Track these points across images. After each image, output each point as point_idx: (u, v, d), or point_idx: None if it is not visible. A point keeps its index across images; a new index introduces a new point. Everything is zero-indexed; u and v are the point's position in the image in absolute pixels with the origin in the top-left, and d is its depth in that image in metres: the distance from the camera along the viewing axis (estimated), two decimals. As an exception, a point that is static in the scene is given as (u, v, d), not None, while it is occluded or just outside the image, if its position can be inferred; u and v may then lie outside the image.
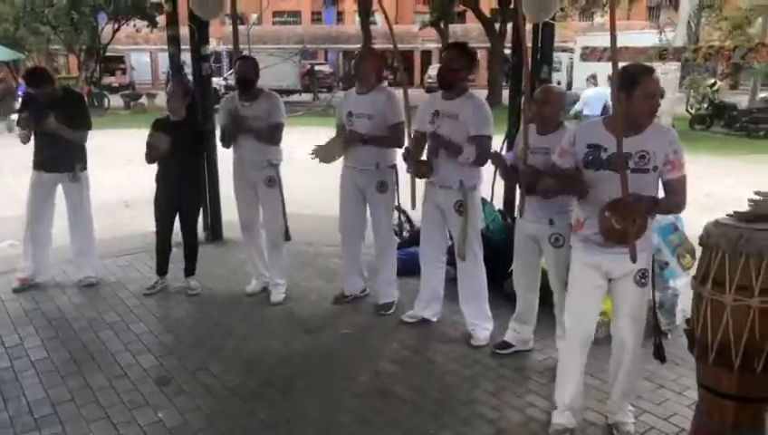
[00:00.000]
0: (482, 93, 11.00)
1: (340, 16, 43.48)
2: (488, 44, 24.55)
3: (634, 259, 2.83)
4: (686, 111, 19.07)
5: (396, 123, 4.39)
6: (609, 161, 2.88)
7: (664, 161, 2.85)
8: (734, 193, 4.29)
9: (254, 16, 40.75)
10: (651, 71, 2.84)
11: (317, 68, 33.20)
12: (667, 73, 16.14)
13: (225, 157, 5.31)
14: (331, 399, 3.57)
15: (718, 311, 2.64)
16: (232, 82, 5.88)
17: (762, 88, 20.43)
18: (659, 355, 3.22)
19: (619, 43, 5.71)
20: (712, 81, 18.84)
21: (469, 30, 34.08)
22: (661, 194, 2.95)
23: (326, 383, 3.74)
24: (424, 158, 4.24)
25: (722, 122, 17.30)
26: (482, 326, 4.26)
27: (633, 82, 2.78)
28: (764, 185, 3.01)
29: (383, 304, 4.75)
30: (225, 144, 4.88)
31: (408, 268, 5.18)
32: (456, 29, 33.74)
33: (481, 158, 3.93)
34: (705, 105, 18.19)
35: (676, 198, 2.92)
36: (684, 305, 4.24)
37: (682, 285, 4.34)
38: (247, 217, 5.07)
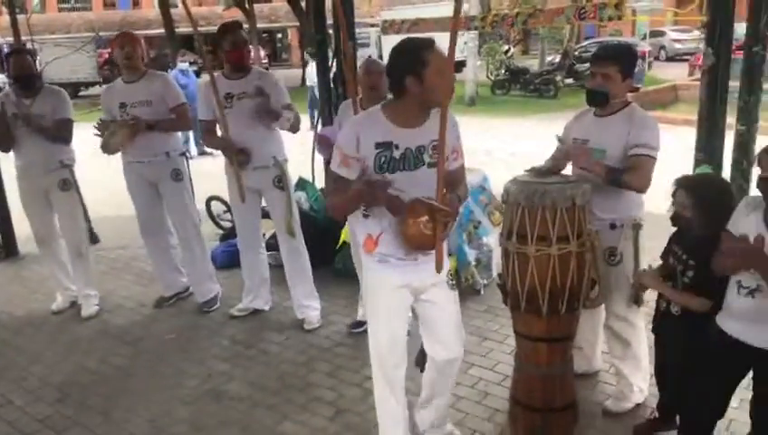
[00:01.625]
0: (298, 73, 10.89)
1: (136, 0, 40.60)
2: (297, 23, 24.40)
3: (440, 267, 2.46)
4: (487, 77, 20.46)
5: (178, 105, 4.25)
6: (403, 160, 2.40)
7: (451, 149, 2.51)
8: (537, 150, 4.62)
9: (35, 2, 36.61)
10: (432, 43, 2.37)
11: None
12: (468, 42, 17.19)
13: (9, 163, 4.68)
14: (160, 411, 3.33)
15: (524, 262, 2.81)
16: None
17: (548, 52, 22.45)
18: (421, 362, 2.99)
19: (421, 15, 5.95)
20: (506, 47, 20.36)
21: (276, 9, 33.54)
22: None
23: (153, 396, 3.48)
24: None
25: (518, 86, 18.80)
26: (312, 307, 4.23)
27: (422, 62, 2.29)
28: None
29: (206, 302, 4.53)
30: (3, 148, 4.30)
31: (236, 260, 4.98)
32: (263, 8, 33.02)
33: (295, 124, 3.95)
34: (503, 71, 19.65)
35: (464, 189, 2.70)
36: (498, 260, 4.52)
37: (494, 241, 4.63)
38: (41, 227, 4.54)
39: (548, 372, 2.94)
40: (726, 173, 3.70)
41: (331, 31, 6.27)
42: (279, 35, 36.59)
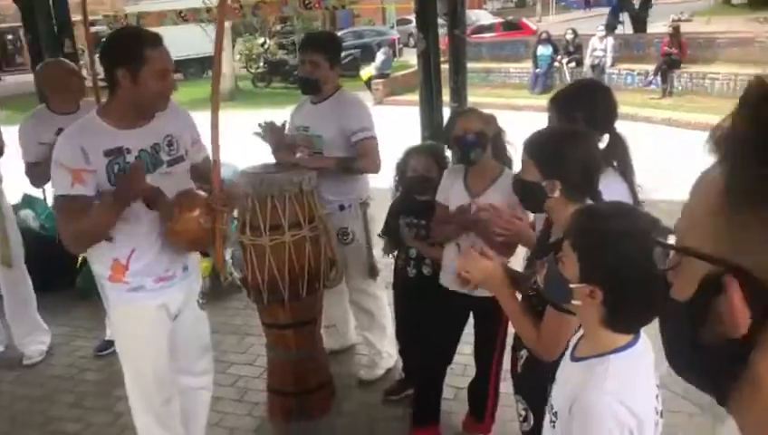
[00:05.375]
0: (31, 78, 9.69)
1: None
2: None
3: (221, 265, 2.36)
4: (246, 70, 20.24)
5: None
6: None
7: (191, 142, 2.35)
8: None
9: None
10: (156, 38, 2.11)
11: None
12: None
13: None
14: None
15: (260, 253, 2.83)
16: None
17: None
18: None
19: (170, 8, 5.62)
20: (262, 40, 20.28)
21: (3, 8, 29.62)
22: None
23: None
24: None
25: (279, 77, 18.88)
26: (35, 341, 3.78)
27: (139, 59, 2.03)
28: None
29: None
30: None
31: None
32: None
33: None
34: (262, 63, 19.57)
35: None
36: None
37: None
38: None
39: (298, 356, 3.01)
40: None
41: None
42: (9, 37, 32.34)
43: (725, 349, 0.53)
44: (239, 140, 3.93)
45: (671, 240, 0.69)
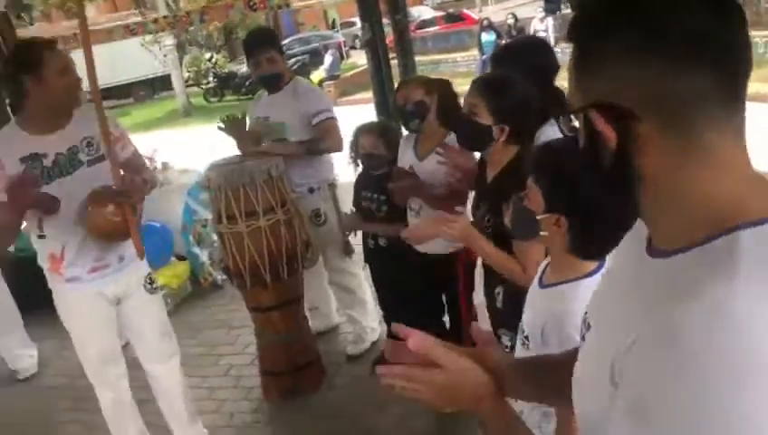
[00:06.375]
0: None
1: None
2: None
3: (142, 253, 2.43)
4: (197, 86, 20.16)
5: None
6: (56, 167, 2.29)
7: (113, 140, 2.39)
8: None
9: None
10: (52, 42, 2.34)
11: None
12: (168, 55, 16.74)
13: None
14: None
15: (238, 240, 2.96)
16: None
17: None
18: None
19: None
20: (209, 54, 20.23)
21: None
22: None
23: None
24: None
25: (230, 90, 18.87)
26: (27, 355, 3.87)
27: (35, 63, 2.19)
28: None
29: None
30: None
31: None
32: None
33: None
34: (211, 78, 19.54)
35: (149, 173, 2.71)
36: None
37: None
38: None
39: (285, 336, 3.14)
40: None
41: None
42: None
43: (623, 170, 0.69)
44: (199, 151, 4.04)
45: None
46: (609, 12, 0.68)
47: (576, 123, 0.74)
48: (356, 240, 3.38)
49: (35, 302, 4.11)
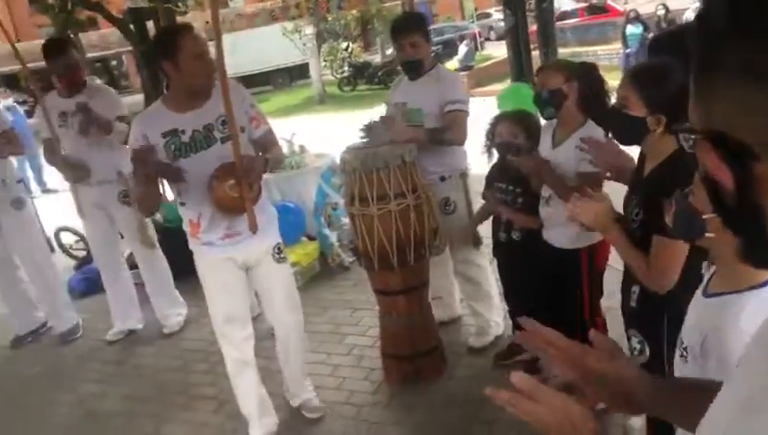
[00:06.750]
0: (140, 98, 10.59)
1: (-57, 43, 36.88)
2: (130, 48, 23.25)
3: (254, 228, 2.54)
4: (332, 75, 20.80)
5: (5, 130, 4.07)
6: (193, 143, 2.50)
7: (248, 119, 2.60)
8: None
9: None
10: (189, 28, 2.51)
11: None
12: (307, 44, 17.39)
13: None
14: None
15: (369, 223, 3.01)
16: None
17: (387, 45, 23.17)
18: None
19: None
20: (345, 44, 20.78)
21: (106, 36, 31.84)
22: None
23: (24, 429, 3.35)
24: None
25: (364, 80, 19.29)
26: (174, 314, 4.22)
27: (171, 49, 2.39)
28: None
29: (66, 331, 4.34)
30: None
31: (96, 286, 4.83)
32: (91, 37, 31.16)
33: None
34: (347, 68, 20.07)
35: (276, 151, 2.80)
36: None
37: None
38: None
39: (409, 321, 3.16)
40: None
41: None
42: (113, 63, 34.78)
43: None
44: (331, 137, 4.14)
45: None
46: (738, 17, 0.52)
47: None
48: (484, 232, 3.33)
49: (183, 268, 4.49)
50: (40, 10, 20.87)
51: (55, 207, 6.30)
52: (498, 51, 21.79)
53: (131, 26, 8.80)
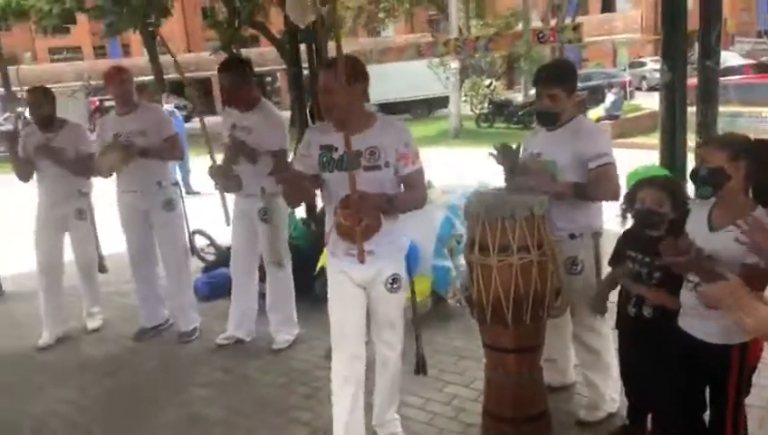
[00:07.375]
0: (288, 114, 11.21)
1: (126, 49, 41.18)
2: (284, 66, 24.75)
3: (362, 259, 2.65)
4: (471, 110, 20.81)
5: (171, 135, 4.38)
6: (341, 161, 2.70)
7: (396, 156, 2.71)
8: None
9: (26, 55, 37.23)
10: (329, 62, 2.79)
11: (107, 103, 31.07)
12: (450, 78, 17.54)
13: None
14: (136, 436, 3.35)
15: (487, 273, 2.87)
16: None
17: (531, 85, 22.90)
18: (421, 369, 3.23)
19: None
20: (488, 81, 20.74)
21: (264, 54, 34.10)
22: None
23: (131, 423, 3.50)
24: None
25: (502, 118, 19.11)
26: (284, 332, 4.29)
27: (314, 80, 2.78)
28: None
29: (186, 332, 4.56)
30: (24, 178, 4.56)
31: (219, 291, 5.05)
32: (250, 53, 33.52)
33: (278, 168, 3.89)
34: (486, 104, 20.00)
35: (415, 193, 2.83)
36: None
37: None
38: (49, 256, 4.57)
39: (517, 381, 2.97)
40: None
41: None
42: (268, 79, 37.15)
43: None
44: (463, 172, 4.05)
45: None
46: None
47: None
48: (609, 298, 3.09)
49: (302, 288, 4.58)
50: (209, 25, 22.93)
51: (196, 210, 6.69)
52: (648, 102, 20.80)
53: (287, 46, 9.31)
